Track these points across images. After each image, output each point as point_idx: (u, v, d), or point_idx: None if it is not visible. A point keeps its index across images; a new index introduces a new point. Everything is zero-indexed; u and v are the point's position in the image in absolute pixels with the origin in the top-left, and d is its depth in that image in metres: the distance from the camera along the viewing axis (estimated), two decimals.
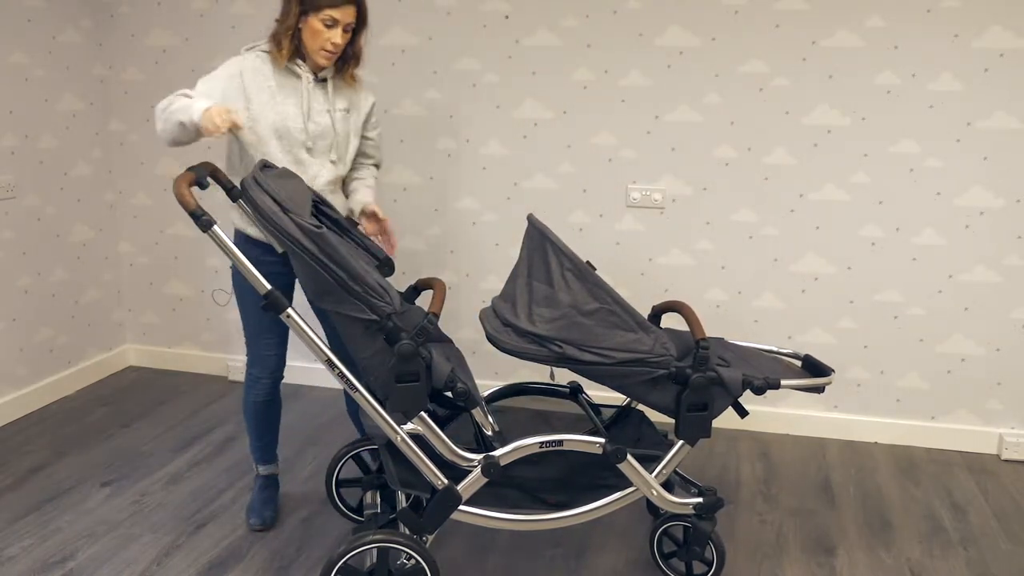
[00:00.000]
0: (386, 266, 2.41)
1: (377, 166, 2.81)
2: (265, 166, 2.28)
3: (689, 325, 2.26)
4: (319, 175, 2.54)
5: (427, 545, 2.23)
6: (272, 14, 3.60)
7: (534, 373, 3.65)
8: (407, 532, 2.22)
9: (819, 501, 3.00)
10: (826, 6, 3.15)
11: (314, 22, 2.40)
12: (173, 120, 2.33)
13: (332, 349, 2.18)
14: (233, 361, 4.00)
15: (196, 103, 2.28)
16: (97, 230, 3.93)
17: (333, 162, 2.57)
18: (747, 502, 2.98)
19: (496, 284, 3.65)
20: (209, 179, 2.30)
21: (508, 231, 3.61)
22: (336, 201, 2.61)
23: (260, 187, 2.11)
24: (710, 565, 2.42)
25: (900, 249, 3.31)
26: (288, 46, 2.45)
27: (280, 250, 2.51)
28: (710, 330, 3.48)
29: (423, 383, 2.11)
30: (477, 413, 2.23)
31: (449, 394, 2.17)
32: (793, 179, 3.33)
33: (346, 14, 2.40)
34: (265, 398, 2.71)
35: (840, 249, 3.35)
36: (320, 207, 2.38)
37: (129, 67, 3.85)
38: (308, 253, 2.05)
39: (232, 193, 2.49)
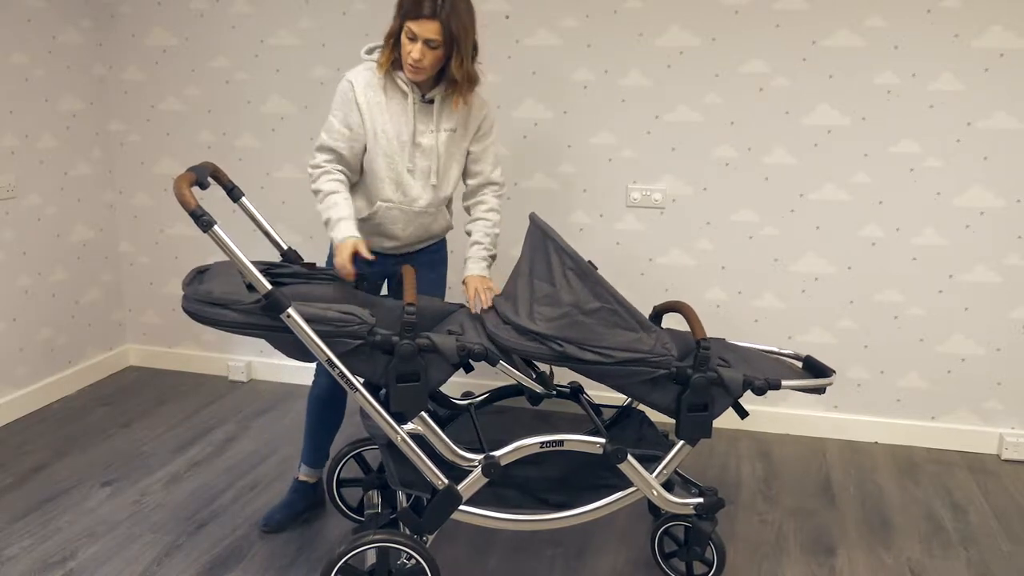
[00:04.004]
0: (363, 281, 2.41)
1: (492, 186, 2.63)
2: (198, 273, 2.25)
3: (690, 325, 2.26)
4: (420, 197, 2.51)
5: (427, 545, 2.23)
6: (271, 14, 3.62)
7: None
8: (407, 532, 2.22)
9: (819, 501, 3.00)
10: (826, 6, 3.15)
11: (404, 33, 2.34)
12: (320, 209, 2.43)
13: None
14: (233, 361, 4.00)
15: (338, 227, 2.33)
16: (97, 230, 3.93)
17: (434, 185, 2.51)
18: (747, 502, 2.98)
19: (496, 284, 3.64)
20: (210, 179, 2.30)
21: (508, 231, 3.60)
22: (436, 224, 2.60)
23: (192, 301, 2.09)
24: (710, 565, 2.42)
25: (900, 249, 3.31)
26: (388, 54, 2.39)
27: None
28: (710, 330, 3.48)
29: (423, 383, 2.11)
30: (504, 367, 2.18)
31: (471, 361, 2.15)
32: (793, 179, 3.33)
33: (425, 29, 2.28)
34: (326, 395, 2.69)
35: (840, 249, 3.35)
36: (271, 268, 2.35)
37: (129, 67, 3.85)
38: (268, 327, 2.07)
39: (233, 193, 2.50)
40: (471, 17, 2.36)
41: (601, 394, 2.69)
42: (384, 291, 2.74)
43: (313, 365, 2.94)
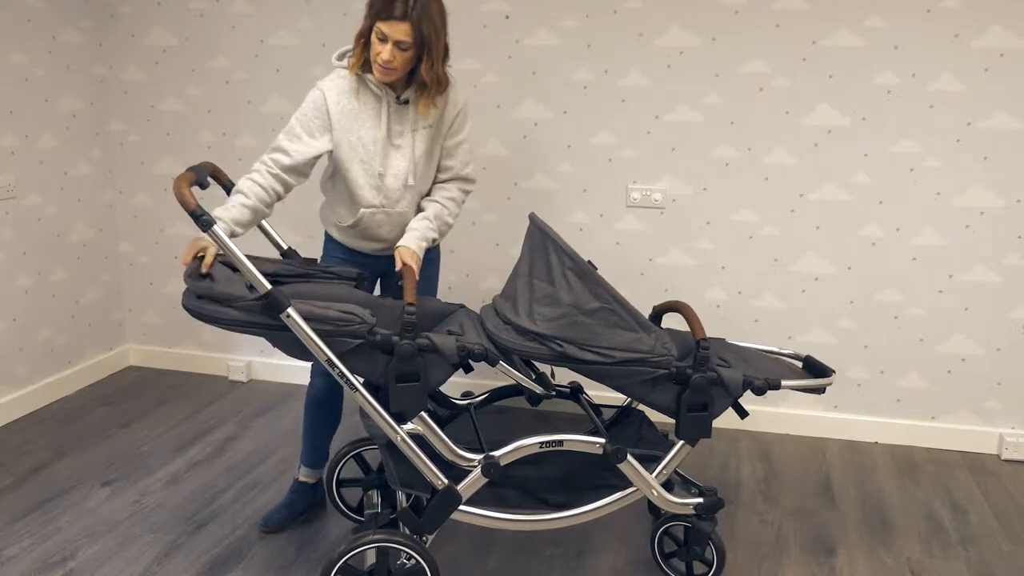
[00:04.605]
0: (363, 280, 2.40)
1: (461, 181, 2.61)
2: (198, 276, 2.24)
3: (690, 325, 2.26)
4: (401, 199, 2.50)
5: (427, 545, 2.23)
6: (271, 14, 3.62)
7: None
8: (407, 532, 2.22)
9: (819, 501, 3.00)
10: (826, 6, 3.15)
11: (374, 34, 2.32)
12: None
13: None
14: (233, 361, 4.00)
15: (220, 215, 2.26)
16: (97, 230, 3.93)
17: (411, 186, 2.50)
18: (747, 502, 2.98)
19: (496, 284, 3.65)
20: (210, 179, 2.30)
21: (508, 231, 3.61)
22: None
23: (193, 299, 2.09)
24: (710, 565, 2.42)
25: (900, 249, 3.31)
26: (360, 55, 2.38)
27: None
28: (710, 330, 3.48)
29: (423, 383, 2.11)
30: (504, 368, 2.18)
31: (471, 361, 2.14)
32: (793, 179, 3.33)
33: (395, 30, 2.26)
34: (322, 395, 2.68)
35: (840, 249, 3.35)
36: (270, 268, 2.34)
37: (129, 67, 3.85)
38: (269, 326, 2.06)
39: None
40: (443, 19, 2.35)
41: (601, 394, 2.69)
42: (376, 292, 2.74)
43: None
